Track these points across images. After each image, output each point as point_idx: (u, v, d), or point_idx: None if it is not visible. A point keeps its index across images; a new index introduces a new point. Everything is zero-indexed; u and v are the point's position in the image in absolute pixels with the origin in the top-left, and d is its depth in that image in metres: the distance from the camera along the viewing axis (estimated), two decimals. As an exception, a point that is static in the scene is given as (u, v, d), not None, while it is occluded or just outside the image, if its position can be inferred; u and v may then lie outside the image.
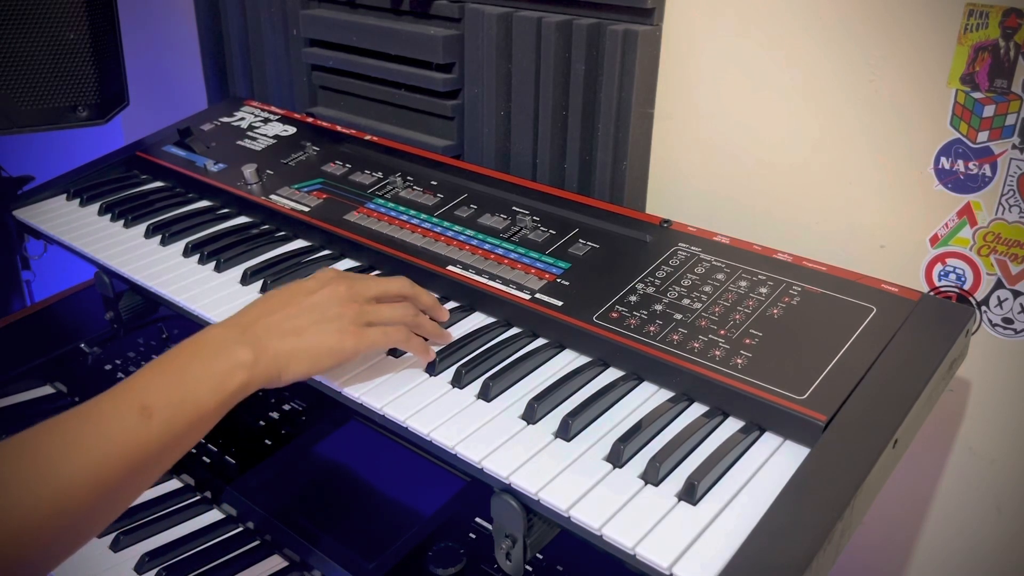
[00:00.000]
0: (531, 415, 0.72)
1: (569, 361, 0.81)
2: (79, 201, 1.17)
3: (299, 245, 1.03)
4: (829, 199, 0.96)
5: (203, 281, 0.96)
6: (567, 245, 0.93)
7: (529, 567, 0.88)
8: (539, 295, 0.85)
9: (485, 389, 0.76)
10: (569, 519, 0.64)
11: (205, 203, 1.15)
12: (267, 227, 1.07)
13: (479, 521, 0.94)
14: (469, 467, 0.70)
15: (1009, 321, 0.88)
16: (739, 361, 0.74)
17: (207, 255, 1.00)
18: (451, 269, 0.91)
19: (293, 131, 1.25)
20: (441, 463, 1.01)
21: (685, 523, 0.62)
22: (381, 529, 0.93)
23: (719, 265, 0.87)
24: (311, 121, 1.29)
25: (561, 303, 0.84)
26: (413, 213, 1.02)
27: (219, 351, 0.70)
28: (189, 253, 1.02)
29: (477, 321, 0.87)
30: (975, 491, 0.95)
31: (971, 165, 0.86)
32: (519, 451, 0.69)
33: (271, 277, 0.94)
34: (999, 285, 0.88)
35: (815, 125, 0.95)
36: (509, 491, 0.67)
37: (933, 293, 0.92)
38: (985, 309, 0.89)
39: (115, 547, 0.93)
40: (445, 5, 1.14)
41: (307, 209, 1.05)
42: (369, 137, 1.21)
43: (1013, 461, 0.92)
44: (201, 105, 1.49)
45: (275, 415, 1.13)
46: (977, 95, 0.84)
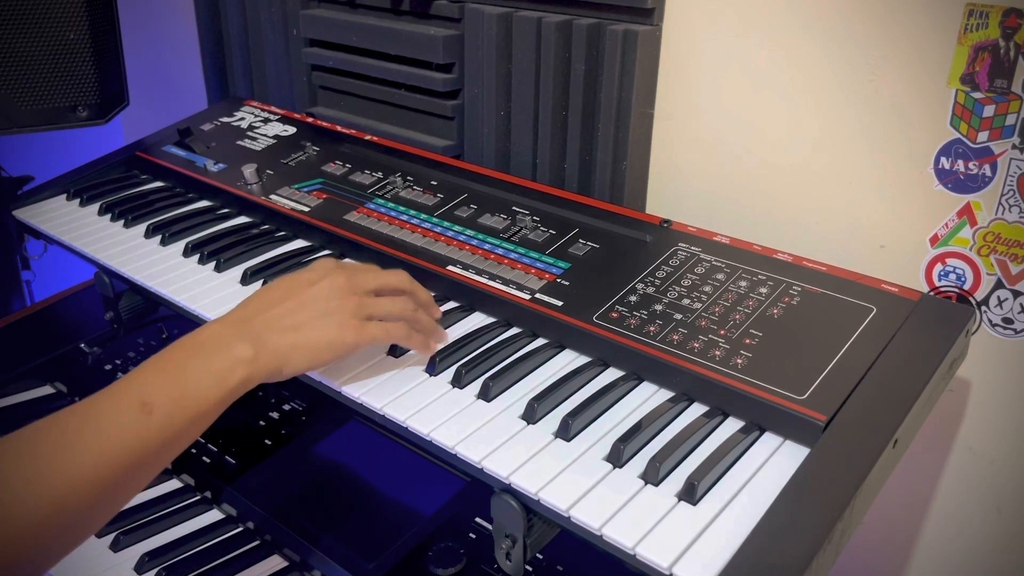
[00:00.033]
0: (531, 415, 0.72)
1: (569, 361, 0.81)
2: (79, 201, 1.17)
3: (299, 245, 1.03)
4: (829, 199, 0.96)
5: (203, 281, 0.96)
6: (567, 245, 0.93)
7: (529, 567, 0.88)
8: (539, 295, 0.85)
9: (485, 389, 0.76)
10: (569, 519, 0.64)
11: (205, 203, 1.15)
12: (267, 227, 1.07)
13: (479, 521, 0.94)
14: (469, 467, 0.70)
15: (1009, 321, 0.88)
16: (739, 361, 0.74)
17: (207, 255, 1.00)
18: (451, 269, 0.91)
19: (293, 131, 1.25)
20: (441, 463, 1.01)
21: (685, 523, 0.62)
22: (381, 529, 0.93)
23: (719, 265, 0.87)
24: (311, 121, 1.29)
25: (561, 303, 0.84)
26: (413, 213, 1.02)
27: (219, 347, 0.70)
28: (189, 253, 1.02)
29: (477, 321, 0.87)
30: (975, 491, 0.95)
31: (971, 165, 0.86)
32: (519, 451, 0.69)
33: (271, 277, 0.94)
34: (999, 285, 0.88)
35: (815, 125, 0.95)
36: (509, 491, 0.67)
37: (933, 293, 0.92)
38: (985, 309, 0.89)
39: (115, 547, 0.93)
40: (445, 5, 1.14)
41: (307, 209, 1.05)
42: (369, 137, 1.21)
43: (1013, 461, 0.92)
44: (201, 105, 1.49)
45: (275, 415, 1.13)
46: (977, 95, 0.84)
